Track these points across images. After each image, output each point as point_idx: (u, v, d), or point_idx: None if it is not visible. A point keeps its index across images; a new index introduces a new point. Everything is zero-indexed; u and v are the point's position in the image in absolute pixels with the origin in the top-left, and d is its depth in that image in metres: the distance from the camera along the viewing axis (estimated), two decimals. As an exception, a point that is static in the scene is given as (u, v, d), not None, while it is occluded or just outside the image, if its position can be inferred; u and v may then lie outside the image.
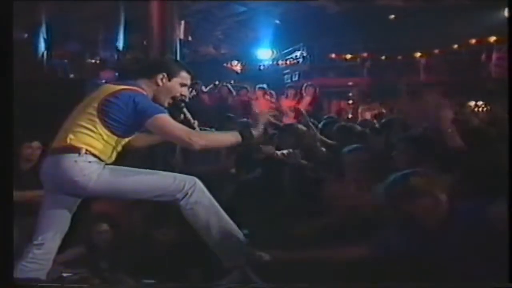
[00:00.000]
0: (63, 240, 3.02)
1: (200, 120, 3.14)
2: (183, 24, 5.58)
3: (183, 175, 3.00)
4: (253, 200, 3.86)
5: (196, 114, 3.15)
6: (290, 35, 13.93)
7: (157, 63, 3.24)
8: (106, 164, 2.88)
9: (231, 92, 8.05)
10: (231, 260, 3.00)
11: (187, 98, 3.13)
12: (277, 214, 3.74)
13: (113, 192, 2.92)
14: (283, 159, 3.99)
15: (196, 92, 5.68)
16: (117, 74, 9.08)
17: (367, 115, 8.02)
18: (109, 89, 2.91)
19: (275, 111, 5.55)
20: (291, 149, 4.09)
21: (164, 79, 2.99)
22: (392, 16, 13.04)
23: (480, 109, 10.69)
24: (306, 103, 7.63)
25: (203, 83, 6.20)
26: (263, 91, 8.13)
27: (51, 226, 2.95)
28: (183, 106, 3.08)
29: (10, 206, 2.69)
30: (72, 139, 2.80)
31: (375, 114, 7.78)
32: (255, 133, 2.95)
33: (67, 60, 9.72)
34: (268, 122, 3.07)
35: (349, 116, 8.33)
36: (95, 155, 2.81)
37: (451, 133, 3.50)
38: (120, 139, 2.91)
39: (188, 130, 2.85)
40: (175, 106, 3.05)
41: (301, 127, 4.65)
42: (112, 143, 2.87)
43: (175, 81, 3.02)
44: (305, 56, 14.17)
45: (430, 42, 12.36)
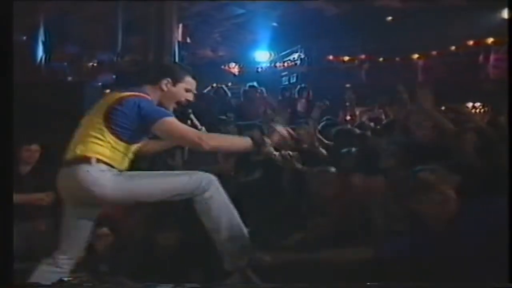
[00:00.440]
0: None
1: (204, 123, 3.13)
2: (181, 26, 5.56)
3: (198, 172, 2.99)
4: (253, 201, 3.86)
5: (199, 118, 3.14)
6: (288, 37, 13.92)
7: (161, 69, 3.26)
8: (119, 171, 2.88)
9: (226, 94, 8.06)
10: (233, 261, 3.00)
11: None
12: (276, 215, 3.73)
13: (131, 197, 2.92)
14: (282, 161, 3.97)
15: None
16: (114, 77, 9.07)
17: (365, 117, 8.02)
18: (114, 96, 2.92)
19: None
20: (290, 151, 4.07)
21: (168, 84, 2.99)
22: (389, 17, 13.03)
23: (479, 110, 10.70)
24: (301, 105, 7.65)
25: (200, 85, 6.16)
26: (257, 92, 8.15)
27: (73, 236, 2.99)
28: (190, 112, 3.13)
29: (10, 206, 2.68)
30: (82, 150, 2.81)
31: (373, 116, 7.78)
32: (268, 141, 2.90)
33: (66, 63, 9.72)
34: (283, 137, 2.97)
35: (347, 118, 8.33)
36: (106, 163, 2.82)
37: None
38: (129, 146, 2.91)
39: (197, 131, 2.90)
40: (181, 112, 3.08)
41: (300, 129, 4.64)
42: (121, 150, 2.88)
43: (180, 86, 3.02)
44: (303, 58, 14.17)
45: (428, 43, 12.34)
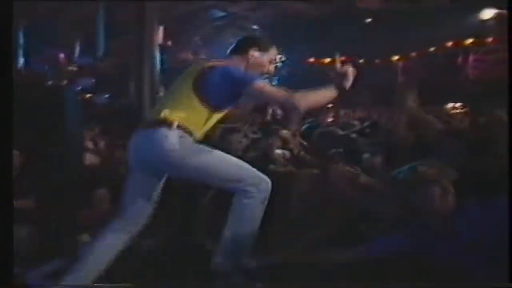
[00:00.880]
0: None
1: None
2: (161, 29, 5.51)
3: (260, 173, 2.98)
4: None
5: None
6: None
7: (249, 39, 3.29)
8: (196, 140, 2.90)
9: None
10: (225, 264, 2.97)
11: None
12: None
13: (197, 170, 2.87)
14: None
15: None
16: (94, 81, 8.98)
17: (347, 118, 8.06)
18: (203, 65, 2.98)
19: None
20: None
21: (256, 53, 3.08)
22: (369, 19, 13.13)
23: (459, 111, 10.81)
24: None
25: None
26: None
27: (138, 204, 2.97)
28: (269, 82, 3.14)
29: (10, 206, 2.68)
30: (166, 114, 2.83)
31: (356, 117, 7.81)
32: (348, 84, 2.96)
33: (47, 66, 9.62)
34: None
35: (331, 119, 8.36)
36: (187, 129, 2.84)
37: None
38: (214, 113, 2.93)
39: (290, 91, 2.84)
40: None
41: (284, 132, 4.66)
42: (205, 116, 2.89)
43: (266, 56, 3.11)
44: (284, 60, 14.18)
45: (408, 45, 12.46)
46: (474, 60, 12.01)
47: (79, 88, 10.82)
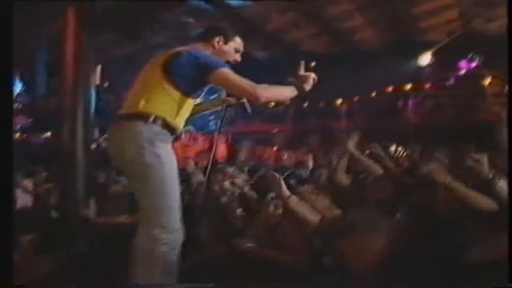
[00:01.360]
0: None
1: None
2: (99, 69, 5.35)
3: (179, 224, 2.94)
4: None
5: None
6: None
7: (213, 27, 3.25)
8: (174, 134, 2.92)
9: None
10: None
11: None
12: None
13: (140, 178, 2.86)
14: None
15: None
16: (30, 121, 8.65)
17: (290, 161, 8.04)
18: (169, 52, 2.96)
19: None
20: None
21: (220, 42, 3.10)
22: (313, 63, 13.35)
23: (400, 154, 11.03)
24: (220, 151, 7.56)
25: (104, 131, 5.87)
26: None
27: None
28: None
29: (10, 206, 2.69)
30: (142, 105, 2.84)
31: (298, 161, 7.81)
32: (308, 88, 3.01)
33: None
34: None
35: (272, 162, 8.33)
36: (163, 120, 2.84)
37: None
38: (186, 99, 2.93)
39: (252, 83, 2.85)
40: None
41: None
42: (179, 102, 2.89)
43: (231, 45, 3.13)
44: (235, 105, 14.13)
45: (350, 89, 12.76)
46: (413, 105, 12.41)
47: (18, 127, 10.47)
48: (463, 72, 12.33)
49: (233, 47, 3.16)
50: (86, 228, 4.25)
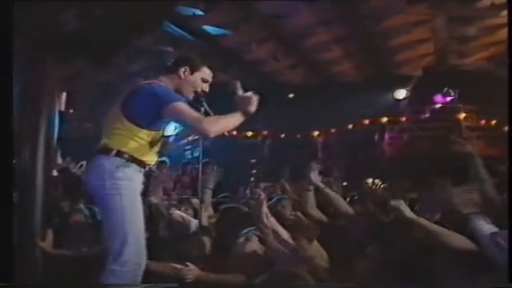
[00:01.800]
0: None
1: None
2: (64, 95, 5.18)
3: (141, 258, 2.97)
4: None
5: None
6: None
7: (180, 58, 3.28)
8: (143, 166, 2.97)
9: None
10: None
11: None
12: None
13: (108, 209, 2.88)
14: None
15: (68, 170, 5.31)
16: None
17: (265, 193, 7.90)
18: (131, 87, 3.03)
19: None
20: None
21: (186, 73, 3.09)
22: (291, 95, 13.39)
23: (377, 186, 10.99)
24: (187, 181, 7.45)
25: (77, 160, 5.68)
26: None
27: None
28: (202, 100, 3.10)
29: (10, 206, 2.72)
30: (105, 141, 2.92)
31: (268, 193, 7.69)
32: (252, 109, 2.96)
33: None
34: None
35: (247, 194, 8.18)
36: (128, 155, 2.89)
37: None
38: (150, 133, 2.95)
39: (201, 117, 2.88)
40: (195, 101, 3.10)
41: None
42: (143, 137, 2.93)
43: (197, 75, 3.11)
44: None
45: (327, 121, 12.77)
46: (390, 138, 12.45)
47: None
48: (438, 106, 12.44)
49: (200, 77, 3.13)
50: (42, 260, 4.04)
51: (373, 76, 12.57)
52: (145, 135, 2.95)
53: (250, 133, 13.95)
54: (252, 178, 10.31)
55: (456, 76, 11.92)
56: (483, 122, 11.99)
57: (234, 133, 14.19)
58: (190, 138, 15.30)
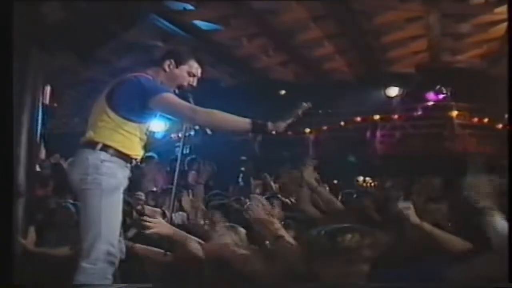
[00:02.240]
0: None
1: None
2: (50, 90, 5.04)
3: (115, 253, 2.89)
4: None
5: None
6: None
7: (166, 51, 3.21)
8: (130, 161, 2.90)
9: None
10: None
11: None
12: None
13: (85, 207, 2.82)
14: None
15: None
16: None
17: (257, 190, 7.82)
18: (116, 80, 2.96)
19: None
20: None
21: (171, 66, 3.01)
22: (283, 91, 13.29)
23: (368, 184, 10.94)
24: (191, 177, 7.36)
25: (66, 156, 5.55)
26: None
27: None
28: (189, 96, 3.01)
29: (10, 206, 2.69)
30: (90, 135, 2.85)
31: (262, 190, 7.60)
32: (272, 128, 2.85)
33: None
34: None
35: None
36: (115, 149, 2.82)
37: None
38: (135, 126, 2.89)
39: (194, 106, 2.80)
40: (181, 95, 2.99)
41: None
42: (129, 130, 2.86)
43: (183, 68, 3.03)
44: (197, 129, 13.91)
45: (319, 118, 12.69)
46: (382, 136, 12.38)
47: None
48: (431, 103, 12.38)
49: (186, 71, 3.05)
50: (23, 259, 3.92)
51: (365, 73, 12.49)
52: (131, 128, 2.89)
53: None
54: (241, 175, 10.18)
55: (449, 74, 11.87)
56: (475, 119, 11.95)
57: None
58: (179, 135, 15.25)
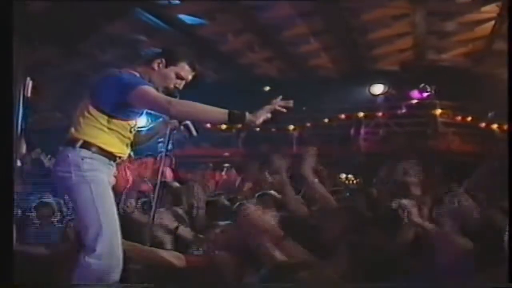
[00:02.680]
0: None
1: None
2: (29, 82, 4.88)
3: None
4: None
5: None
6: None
7: (161, 49, 3.12)
8: (113, 158, 2.84)
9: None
10: None
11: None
12: None
13: (76, 201, 2.78)
14: None
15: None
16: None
17: (242, 187, 7.78)
18: (101, 74, 2.91)
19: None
20: None
21: (160, 65, 2.94)
22: (267, 87, 13.24)
23: (350, 181, 10.93)
24: (168, 174, 7.29)
25: (47, 151, 5.41)
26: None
27: None
28: (176, 96, 2.92)
29: (10, 206, 2.71)
30: (72, 132, 2.81)
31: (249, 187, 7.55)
32: (250, 119, 2.76)
33: None
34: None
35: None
36: (98, 148, 2.77)
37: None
38: (118, 123, 2.83)
39: (170, 98, 2.73)
40: (168, 95, 2.88)
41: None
42: (111, 127, 2.81)
43: (172, 69, 2.95)
44: (182, 129, 13.78)
45: (303, 115, 12.67)
46: (366, 133, 12.39)
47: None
48: (415, 101, 12.43)
49: (174, 72, 2.97)
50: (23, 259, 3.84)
51: (350, 70, 12.49)
52: (113, 125, 2.83)
53: (224, 126, 13.76)
54: (224, 170, 10.13)
55: (433, 72, 11.91)
56: (459, 118, 12.02)
57: (208, 125, 13.99)
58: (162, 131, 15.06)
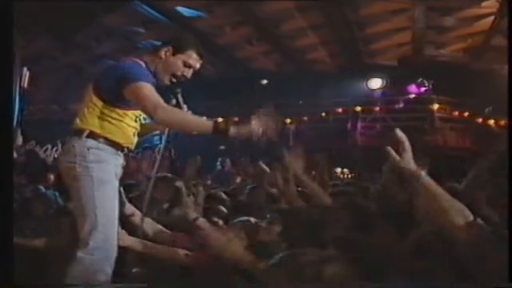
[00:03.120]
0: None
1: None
2: (27, 72, 4.79)
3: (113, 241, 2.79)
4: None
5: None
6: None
7: (170, 38, 3.04)
8: (119, 148, 2.80)
9: None
10: None
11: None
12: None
13: (78, 190, 2.70)
14: None
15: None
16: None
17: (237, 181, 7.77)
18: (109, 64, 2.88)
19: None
20: None
21: (168, 53, 2.87)
22: (265, 81, 13.19)
23: (346, 176, 10.93)
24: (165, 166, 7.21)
25: (42, 143, 5.34)
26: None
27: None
28: (178, 91, 2.94)
29: (10, 206, 2.68)
30: (76, 123, 2.78)
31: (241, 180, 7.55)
32: (233, 132, 2.60)
33: None
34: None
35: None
36: (102, 137, 2.74)
37: None
38: (120, 113, 2.77)
39: (158, 102, 2.60)
40: (171, 89, 2.91)
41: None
42: (114, 117, 2.76)
43: (179, 57, 2.87)
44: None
45: (300, 109, 12.62)
46: (362, 127, 12.37)
47: None
48: (412, 96, 12.41)
49: (182, 60, 2.88)
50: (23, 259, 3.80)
51: (348, 64, 12.45)
52: (118, 114, 2.77)
53: (221, 119, 13.70)
54: (218, 163, 10.10)
55: (431, 67, 11.88)
56: (456, 113, 12.01)
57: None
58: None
